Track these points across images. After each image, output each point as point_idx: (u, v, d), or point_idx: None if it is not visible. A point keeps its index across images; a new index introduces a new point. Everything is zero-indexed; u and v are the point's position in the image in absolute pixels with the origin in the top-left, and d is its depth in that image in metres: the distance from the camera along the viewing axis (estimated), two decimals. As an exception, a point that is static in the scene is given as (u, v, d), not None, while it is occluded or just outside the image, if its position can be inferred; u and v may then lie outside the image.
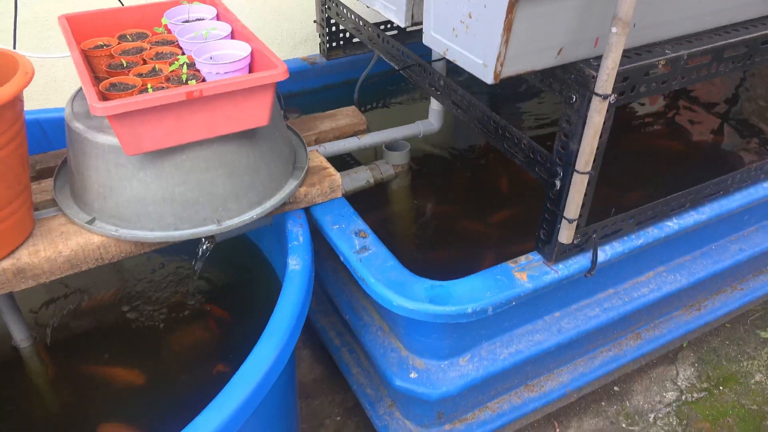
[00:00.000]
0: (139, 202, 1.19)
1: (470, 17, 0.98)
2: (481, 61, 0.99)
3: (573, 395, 1.91)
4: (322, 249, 1.47)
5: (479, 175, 1.98)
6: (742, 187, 1.51)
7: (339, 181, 1.40)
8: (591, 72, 1.03)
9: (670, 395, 1.98)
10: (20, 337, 1.41)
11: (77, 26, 1.34)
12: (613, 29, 0.96)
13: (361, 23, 1.73)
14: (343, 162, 1.87)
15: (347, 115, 1.64)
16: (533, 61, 1.00)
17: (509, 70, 0.98)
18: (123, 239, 1.21)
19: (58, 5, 2.05)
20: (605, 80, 1.00)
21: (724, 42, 1.16)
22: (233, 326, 1.57)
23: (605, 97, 1.02)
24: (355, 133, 1.61)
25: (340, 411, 1.91)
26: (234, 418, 0.98)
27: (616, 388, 2.01)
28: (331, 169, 1.42)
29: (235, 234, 1.45)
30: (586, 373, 1.71)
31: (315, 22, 2.00)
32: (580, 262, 1.30)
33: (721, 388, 2.02)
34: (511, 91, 2.37)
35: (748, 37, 1.19)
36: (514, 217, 1.83)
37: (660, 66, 1.10)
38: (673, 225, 1.41)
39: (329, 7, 1.88)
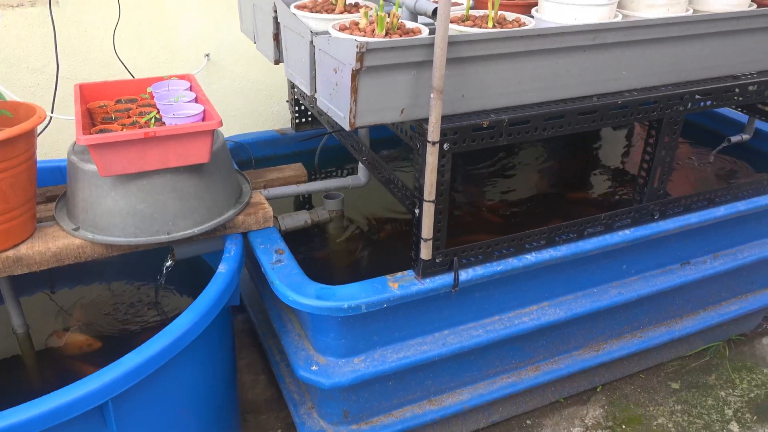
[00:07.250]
0: (110, 214, 1.62)
1: (336, 86, 1.41)
2: (343, 114, 1.41)
3: (482, 421, 2.18)
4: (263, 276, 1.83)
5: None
6: (596, 233, 1.85)
7: (270, 213, 1.81)
8: (426, 126, 1.43)
9: (576, 430, 2.22)
10: (17, 323, 1.82)
11: (88, 91, 1.84)
12: (432, 95, 1.37)
13: (310, 103, 2.20)
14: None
15: (293, 169, 2.08)
16: (380, 117, 1.42)
17: (361, 121, 1.40)
18: (96, 242, 1.63)
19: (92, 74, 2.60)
20: (432, 131, 1.41)
21: (540, 111, 1.56)
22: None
23: (434, 143, 1.42)
24: (296, 183, 2.03)
25: (282, 425, 2.22)
26: (153, 359, 1.35)
27: (528, 422, 2.26)
28: (266, 205, 1.83)
29: (192, 254, 1.86)
30: (484, 394, 1.99)
31: (287, 101, 2.49)
32: (445, 279, 1.65)
33: (623, 426, 2.24)
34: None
35: (563, 108, 1.59)
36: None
37: (484, 125, 1.50)
38: (531, 258, 1.75)
39: (296, 90, 2.37)
